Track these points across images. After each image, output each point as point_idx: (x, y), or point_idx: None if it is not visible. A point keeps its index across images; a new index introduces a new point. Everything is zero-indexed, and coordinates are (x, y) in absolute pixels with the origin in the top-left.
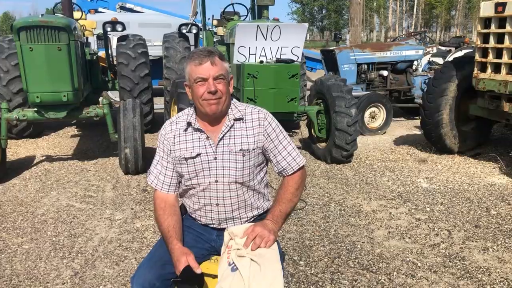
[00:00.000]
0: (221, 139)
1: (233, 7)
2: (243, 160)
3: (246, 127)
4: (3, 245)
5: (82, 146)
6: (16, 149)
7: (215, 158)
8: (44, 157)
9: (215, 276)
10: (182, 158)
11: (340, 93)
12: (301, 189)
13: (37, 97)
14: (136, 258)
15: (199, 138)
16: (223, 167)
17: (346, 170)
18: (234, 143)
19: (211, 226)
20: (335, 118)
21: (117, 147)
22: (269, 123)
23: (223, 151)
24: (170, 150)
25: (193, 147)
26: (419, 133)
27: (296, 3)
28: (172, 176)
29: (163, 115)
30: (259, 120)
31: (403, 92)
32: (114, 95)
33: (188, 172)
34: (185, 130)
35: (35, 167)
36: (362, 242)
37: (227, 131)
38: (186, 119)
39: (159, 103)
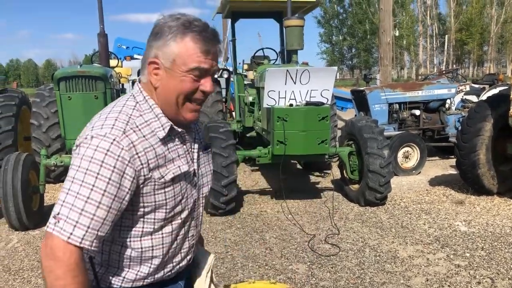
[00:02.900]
0: (193, 141)
1: (263, 52)
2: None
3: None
4: None
5: None
6: (54, 193)
7: (195, 173)
8: None
9: None
10: (169, 179)
11: (372, 134)
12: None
13: (74, 143)
14: None
15: (176, 146)
16: (204, 173)
17: (380, 213)
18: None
19: (179, 277)
20: (368, 159)
21: None
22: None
23: (199, 163)
24: (142, 176)
25: (179, 157)
26: (455, 172)
27: (325, 43)
28: (114, 222)
29: None
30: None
31: (437, 131)
32: None
33: (174, 196)
34: (163, 138)
35: None
36: None
37: (196, 135)
38: (158, 121)
39: None
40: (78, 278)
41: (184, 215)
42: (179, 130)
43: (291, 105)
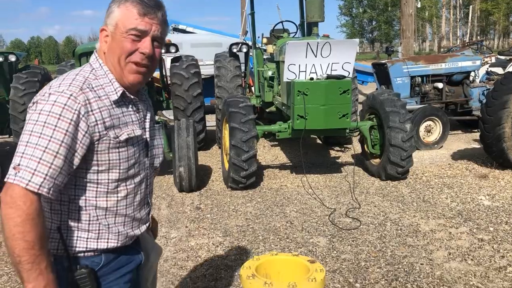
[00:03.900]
0: (146, 112)
1: (283, 25)
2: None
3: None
4: None
5: None
6: None
7: (149, 137)
8: None
9: None
10: (123, 140)
11: (394, 107)
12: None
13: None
14: (191, 277)
15: (129, 112)
16: (156, 145)
17: (401, 187)
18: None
19: (139, 246)
20: (389, 133)
21: (172, 166)
22: None
23: (150, 126)
24: (96, 132)
25: (132, 122)
26: (478, 147)
27: (345, 16)
28: (69, 174)
29: (215, 133)
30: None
31: (460, 105)
32: (168, 114)
33: (128, 158)
34: (116, 101)
35: None
36: (421, 264)
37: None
38: (111, 85)
39: (211, 121)
40: (37, 227)
41: (137, 180)
42: (132, 97)
43: (311, 78)
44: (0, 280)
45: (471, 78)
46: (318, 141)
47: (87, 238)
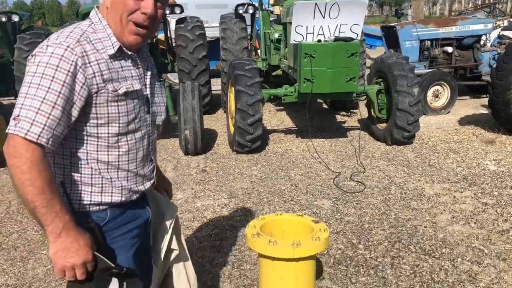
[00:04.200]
0: (146, 68)
1: None
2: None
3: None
4: None
5: None
6: None
7: (150, 93)
8: None
9: None
10: (122, 93)
11: (402, 71)
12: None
13: None
14: (197, 237)
15: (128, 67)
16: (157, 102)
17: (407, 152)
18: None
19: (141, 197)
20: (397, 97)
21: (177, 129)
22: None
23: (150, 83)
24: (94, 85)
25: (132, 77)
26: (486, 112)
27: None
28: (68, 126)
29: (220, 97)
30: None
31: (470, 69)
32: (173, 77)
33: (127, 113)
34: (114, 55)
35: None
36: (424, 227)
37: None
38: (109, 40)
39: (216, 85)
40: (44, 173)
41: (138, 135)
42: (129, 53)
43: (319, 40)
44: (10, 237)
45: (482, 42)
46: (325, 105)
47: (91, 192)
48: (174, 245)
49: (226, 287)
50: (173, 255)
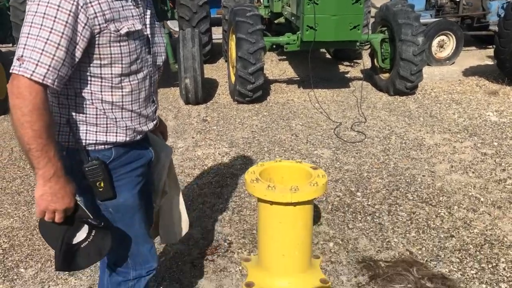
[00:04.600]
0: (146, 7)
1: None
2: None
3: None
4: None
5: None
6: None
7: (150, 33)
8: None
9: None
10: (124, 33)
11: (407, 19)
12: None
13: None
14: (198, 184)
15: (129, 6)
16: (157, 43)
17: (409, 102)
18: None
19: (144, 138)
20: (401, 47)
21: (178, 78)
22: None
23: (150, 23)
24: (97, 25)
25: (132, 17)
26: (491, 63)
27: None
28: (72, 67)
29: (221, 46)
30: None
31: (477, 19)
32: (173, 25)
33: (129, 53)
34: None
35: None
36: (423, 176)
37: None
38: None
39: (217, 33)
40: (43, 117)
41: (140, 76)
42: None
43: None
44: (14, 182)
45: None
46: (328, 55)
47: (96, 132)
48: (167, 187)
49: (226, 231)
50: (165, 197)
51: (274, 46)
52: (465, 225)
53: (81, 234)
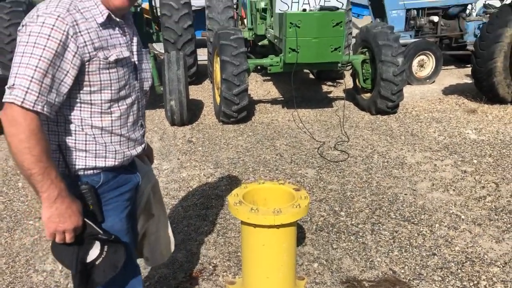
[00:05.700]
0: (133, 35)
1: None
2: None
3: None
4: None
5: None
6: None
7: (137, 60)
8: None
9: None
10: (113, 61)
11: (387, 41)
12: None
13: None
14: (183, 206)
15: (116, 34)
16: (144, 69)
17: (391, 121)
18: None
19: (132, 163)
20: (381, 67)
21: (163, 100)
22: None
23: (137, 50)
24: (86, 53)
25: (120, 45)
26: (470, 82)
27: None
28: (64, 94)
29: (206, 67)
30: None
31: (455, 39)
32: (159, 47)
33: (118, 79)
34: (103, 24)
35: None
36: (405, 194)
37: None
38: (96, 8)
39: (202, 55)
40: (41, 141)
41: (128, 101)
42: (117, 20)
43: (304, 10)
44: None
45: (467, 12)
46: (311, 76)
47: (86, 157)
48: (153, 209)
49: (211, 254)
50: (151, 219)
51: (258, 67)
52: (447, 243)
53: (94, 251)
